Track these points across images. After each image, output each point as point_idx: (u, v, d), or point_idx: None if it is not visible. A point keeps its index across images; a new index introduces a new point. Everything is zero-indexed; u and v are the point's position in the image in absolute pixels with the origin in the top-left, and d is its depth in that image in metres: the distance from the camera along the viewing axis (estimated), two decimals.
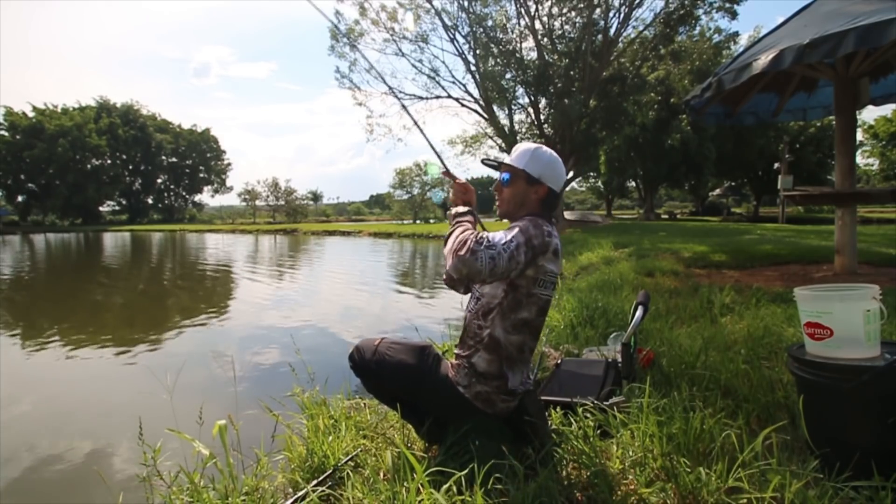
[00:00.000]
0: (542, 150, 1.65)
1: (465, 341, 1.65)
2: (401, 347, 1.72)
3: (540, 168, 1.61)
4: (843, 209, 5.22)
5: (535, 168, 1.61)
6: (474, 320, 1.63)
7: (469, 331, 1.65)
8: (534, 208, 1.64)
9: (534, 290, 1.55)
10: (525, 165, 1.61)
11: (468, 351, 1.63)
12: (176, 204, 64.98)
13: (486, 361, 1.59)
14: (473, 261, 1.34)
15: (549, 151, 1.66)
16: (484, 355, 1.59)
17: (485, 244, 1.36)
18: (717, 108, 6.19)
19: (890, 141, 35.39)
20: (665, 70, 19.45)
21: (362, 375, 1.75)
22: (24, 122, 49.13)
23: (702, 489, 1.37)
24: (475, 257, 1.34)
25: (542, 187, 1.62)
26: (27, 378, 4.46)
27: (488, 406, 1.61)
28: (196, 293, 9.78)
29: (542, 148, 1.66)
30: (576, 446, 1.62)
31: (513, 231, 1.46)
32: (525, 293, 1.55)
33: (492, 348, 1.58)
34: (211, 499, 1.52)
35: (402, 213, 48.88)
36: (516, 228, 1.47)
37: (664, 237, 11.95)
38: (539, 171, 1.61)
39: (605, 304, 3.67)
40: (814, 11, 4.63)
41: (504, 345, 1.58)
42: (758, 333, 2.87)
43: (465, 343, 1.65)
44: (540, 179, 1.61)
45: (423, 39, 19.17)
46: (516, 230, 1.46)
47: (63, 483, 2.63)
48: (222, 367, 4.38)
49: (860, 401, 1.43)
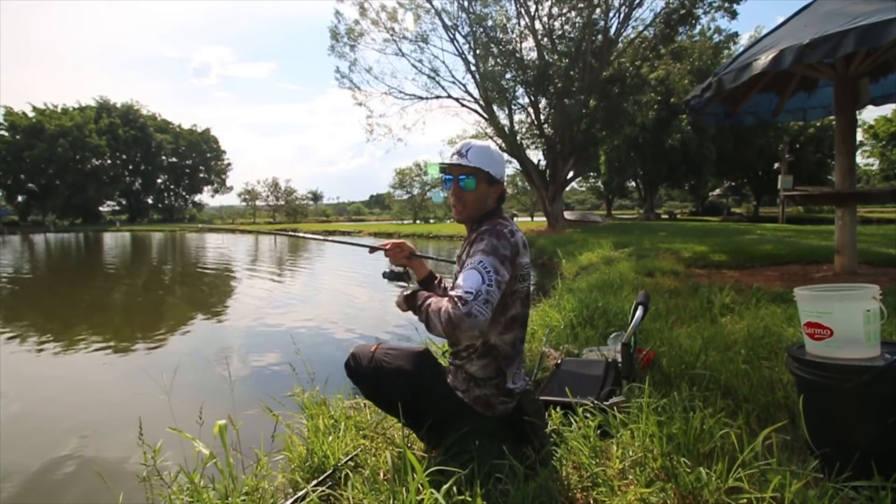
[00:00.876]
0: (495, 148, 1.64)
1: (459, 351, 1.65)
2: (398, 353, 1.72)
3: (498, 167, 1.60)
4: (843, 209, 5.22)
5: (496, 168, 1.59)
6: None
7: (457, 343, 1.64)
8: (491, 207, 1.63)
9: (515, 286, 1.57)
10: (486, 167, 1.57)
11: (462, 360, 1.63)
12: (176, 204, 65.01)
13: (482, 367, 1.60)
14: (475, 320, 1.29)
15: (495, 146, 1.65)
16: (479, 362, 1.60)
17: (470, 298, 1.30)
18: (717, 108, 6.19)
19: (890, 141, 35.38)
20: (665, 70, 19.42)
21: (359, 382, 1.75)
22: (24, 122, 49.13)
23: (702, 489, 1.37)
24: (473, 317, 1.28)
25: (500, 186, 1.62)
26: (27, 378, 4.46)
27: (487, 409, 1.61)
28: (196, 293, 9.78)
29: (492, 144, 1.64)
30: (576, 446, 1.62)
31: (479, 257, 1.40)
32: (509, 292, 1.56)
33: (486, 353, 1.59)
34: (211, 499, 1.52)
35: (402, 213, 48.87)
36: (478, 254, 1.42)
37: (664, 237, 11.95)
38: (499, 171, 1.60)
39: (605, 304, 3.67)
40: (814, 11, 4.63)
41: (499, 346, 1.59)
42: (758, 333, 2.87)
43: (459, 353, 1.65)
44: (497, 178, 1.60)
45: (423, 39, 19.16)
46: (480, 255, 1.41)
47: (63, 483, 2.63)
48: (222, 367, 4.38)
49: (860, 401, 1.43)
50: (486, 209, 1.62)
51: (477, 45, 18.30)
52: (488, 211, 1.62)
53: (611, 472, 1.56)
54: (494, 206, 1.64)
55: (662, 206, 55.02)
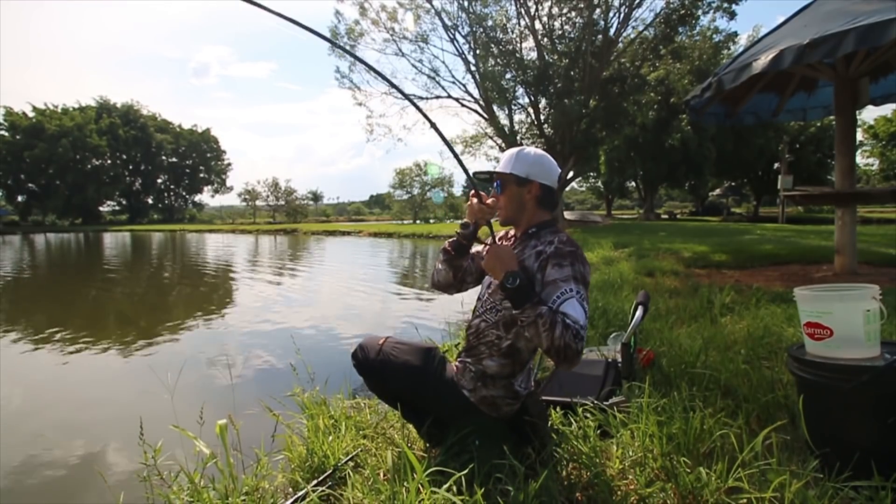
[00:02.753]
0: (526, 150, 1.66)
1: (477, 348, 1.64)
2: (406, 348, 1.72)
3: (526, 167, 1.61)
4: (843, 209, 5.23)
5: (522, 168, 1.61)
6: (492, 330, 1.61)
7: (483, 339, 1.63)
8: (533, 208, 1.64)
9: None
10: (511, 168, 1.61)
11: (479, 356, 1.62)
12: (176, 204, 65.01)
13: (499, 365, 1.59)
14: (579, 358, 1.36)
15: (534, 150, 1.66)
16: (498, 360, 1.59)
17: (581, 332, 1.35)
18: (717, 108, 6.19)
19: (890, 141, 35.38)
20: (665, 70, 19.42)
21: (365, 374, 1.75)
22: (25, 122, 49.13)
23: (702, 489, 1.37)
24: (579, 355, 1.35)
25: (534, 185, 1.62)
26: (27, 378, 4.46)
27: (493, 410, 1.61)
28: (196, 293, 9.78)
29: (526, 148, 1.66)
30: (576, 446, 1.62)
31: (574, 286, 1.44)
32: None
33: (508, 355, 1.59)
34: (211, 498, 1.52)
35: (402, 214, 48.87)
36: (573, 280, 1.45)
37: (664, 237, 11.95)
38: (526, 170, 1.61)
39: (605, 304, 3.67)
40: (814, 11, 4.63)
41: (522, 351, 1.60)
42: (758, 333, 2.87)
43: (477, 349, 1.64)
44: (528, 178, 1.61)
45: (423, 39, 19.17)
46: (574, 283, 1.44)
47: (63, 483, 2.63)
48: (222, 368, 4.38)
49: (860, 401, 1.43)
50: (528, 210, 1.64)
51: (477, 45, 18.30)
52: (543, 220, 1.64)
53: (611, 472, 1.56)
54: (537, 206, 1.64)
55: (662, 206, 55.01)
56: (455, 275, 1.80)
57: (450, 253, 1.76)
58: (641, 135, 27.20)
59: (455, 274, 1.80)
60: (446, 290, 1.86)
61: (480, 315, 1.68)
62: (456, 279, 1.81)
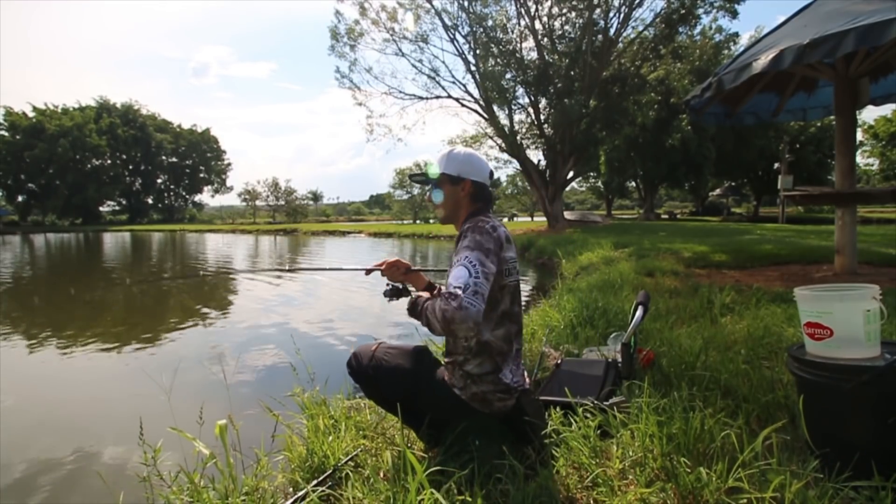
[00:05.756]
0: (456, 149, 1.72)
1: (453, 351, 1.67)
2: (397, 352, 1.75)
3: (457, 166, 1.68)
4: (843, 209, 5.22)
5: (453, 167, 1.68)
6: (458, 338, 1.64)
7: (455, 344, 1.66)
8: (467, 204, 1.70)
9: (503, 281, 1.60)
10: (444, 169, 1.68)
11: (458, 358, 1.65)
12: (176, 204, 65.02)
13: (478, 365, 1.61)
14: (467, 312, 1.34)
15: (463, 149, 1.73)
16: (475, 360, 1.62)
17: (460, 292, 1.35)
18: (717, 108, 6.19)
19: (890, 141, 35.39)
20: (665, 70, 19.41)
21: (360, 381, 1.77)
22: (25, 122, 49.16)
23: (702, 489, 1.37)
24: (465, 309, 1.33)
25: (466, 182, 1.68)
26: (26, 378, 4.46)
27: (485, 406, 1.62)
28: (196, 293, 9.77)
29: (456, 148, 1.73)
30: (576, 446, 1.62)
31: (464, 254, 1.48)
32: (497, 287, 1.58)
33: (481, 352, 1.61)
34: (211, 499, 1.52)
35: (402, 213, 48.89)
36: (463, 250, 1.49)
37: (664, 237, 11.95)
38: (457, 169, 1.67)
39: (605, 304, 3.67)
40: (814, 11, 4.63)
41: (492, 343, 1.62)
42: (758, 333, 2.87)
43: (454, 352, 1.67)
44: (460, 176, 1.67)
45: (423, 39, 19.16)
46: (465, 251, 1.49)
47: (63, 483, 2.63)
48: (222, 368, 4.38)
49: (860, 401, 1.43)
50: (463, 207, 1.70)
51: (477, 45, 18.30)
52: (470, 211, 1.69)
53: (611, 472, 1.56)
54: (471, 203, 1.70)
55: (662, 206, 55.03)
56: None
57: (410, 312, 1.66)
58: (641, 135, 27.20)
59: None
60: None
61: None
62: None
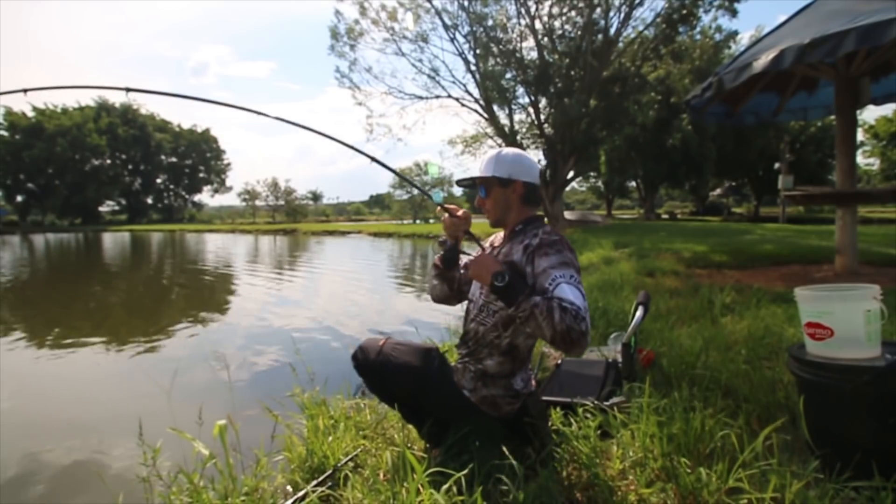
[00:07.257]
0: (504, 151, 1.69)
1: (477, 349, 1.65)
2: (406, 349, 1.73)
3: (506, 167, 1.64)
4: (843, 209, 5.22)
5: (502, 169, 1.64)
6: (491, 332, 1.63)
7: (482, 340, 1.64)
8: (519, 206, 1.67)
9: None
10: (493, 171, 1.64)
11: (478, 356, 1.63)
12: (175, 204, 64.95)
13: (498, 364, 1.61)
14: (588, 340, 1.35)
15: (512, 150, 1.70)
16: (498, 359, 1.61)
17: (580, 312, 1.34)
18: (717, 108, 6.19)
19: (890, 141, 35.36)
20: (665, 70, 19.40)
21: (365, 375, 1.76)
22: (24, 122, 49.07)
23: (702, 490, 1.37)
24: (587, 337, 1.34)
25: (517, 184, 1.65)
26: (26, 378, 4.45)
27: (493, 409, 1.61)
28: (196, 293, 9.77)
29: (504, 149, 1.70)
30: (576, 447, 1.62)
31: (569, 272, 1.43)
32: None
33: (508, 353, 1.61)
34: (210, 499, 1.52)
35: (401, 213, 48.86)
36: (562, 267, 1.45)
37: (664, 237, 11.94)
38: (507, 171, 1.64)
39: (606, 304, 3.67)
40: (815, 11, 4.63)
41: (520, 348, 1.62)
42: (758, 333, 2.87)
43: (476, 350, 1.65)
44: (511, 178, 1.64)
45: (423, 39, 19.13)
46: (570, 269, 1.44)
47: (63, 483, 2.63)
48: (221, 368, 4.38)
49: (861, 401, 1.43)
50: (514, 209, 1.66)
51: (477, 45, 18.28)
52: (528, 216, 1.66)
53: (611, 473, 1.56)
54: (522, 204, 1.66)
55: (663, 206, 54.96)
56: (451, 286, 1.84)
57: (440, 267, 1.81)
58: (642, 134, 27.15)
59: (450, 286, 1.84)
60: (447, 303, 1.89)
61: (475, 318, 1.68)
62: (453, 290, 1.85)
